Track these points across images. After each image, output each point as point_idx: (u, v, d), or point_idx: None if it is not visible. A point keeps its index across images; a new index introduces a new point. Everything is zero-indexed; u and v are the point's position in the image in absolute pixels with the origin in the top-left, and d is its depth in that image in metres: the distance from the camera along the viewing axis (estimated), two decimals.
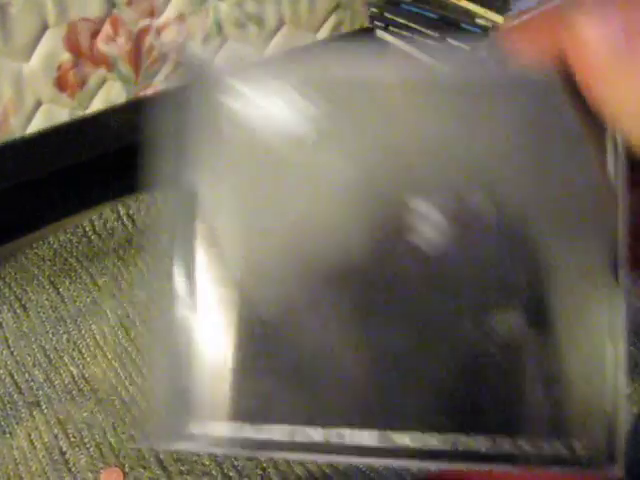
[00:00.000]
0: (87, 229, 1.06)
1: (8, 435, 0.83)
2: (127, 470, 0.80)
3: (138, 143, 0.99)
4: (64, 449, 0.82)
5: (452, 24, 0.82)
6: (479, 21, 0.79)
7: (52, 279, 1.02)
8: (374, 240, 0.26)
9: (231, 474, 0.78)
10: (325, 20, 0.97)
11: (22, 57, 0.82)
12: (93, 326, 0.95)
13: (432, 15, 0.84)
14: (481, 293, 0.26)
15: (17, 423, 0.84)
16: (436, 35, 0.84)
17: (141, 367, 0.89)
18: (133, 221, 1.08)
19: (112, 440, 0.82)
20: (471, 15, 0.79)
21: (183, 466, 0.79)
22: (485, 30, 0.79)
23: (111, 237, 1.06)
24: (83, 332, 0.94)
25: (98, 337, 0.93)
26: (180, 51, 0.87)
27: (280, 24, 0.94)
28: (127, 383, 0.88)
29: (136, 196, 1.09)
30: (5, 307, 0.98)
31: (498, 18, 0.76)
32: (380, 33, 0.91)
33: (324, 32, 0.98)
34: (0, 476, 0.80)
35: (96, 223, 1.07)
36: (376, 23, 0.90)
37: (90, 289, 1.00)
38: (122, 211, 1.07)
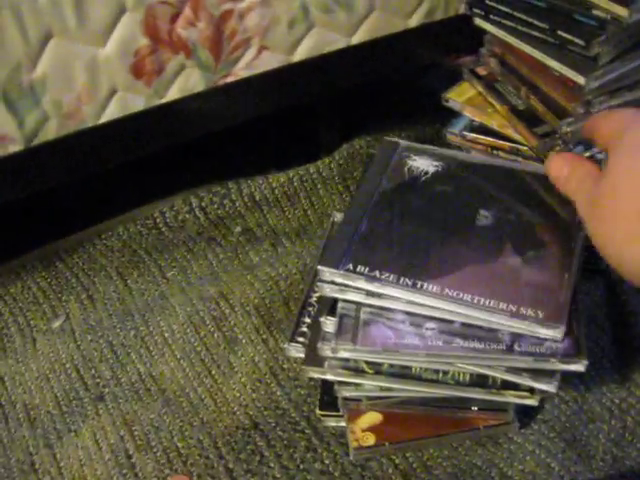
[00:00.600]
0: (157, 220, 1.03)
1: (73, 433, 0.81)
2: (195, 478, 0.76)
3: (213, 133, 0.96)
4: (130, 452, 0.79)
5: (564, 14, 0.74)
6: (596, 12, 0.71)
7: (120, 270, 0.99)
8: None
9: None
10: (418, 6, 0.91)
11: (97, 42, 0.77)
12: (161, 322, 0.91)
13: (541, 3, 0.76)
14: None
15: (83, 421, 0.82)
16: (544, 26, 0.76)
17: (210, 367, 0.86)
18: (205, 213, 1.04)
19: (180, 445, 0.79)
20: (588, 5, 0.71)
21: (253, 477, 0.76)
22: (602, 23, 0.72)
23: (182, 229, 1.03)
24: (151, 328, 0.91)
25: (166, 334, 0.90)
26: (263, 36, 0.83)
27: (370, 10, 0.88)
28: (195, 384, 0.85)
29: (208, 187, 1.06)
30: (72, 298, 0.96)
31: (620, 10, 0.69)
32: (479, 21, 0.84)
33: (416, 19, 0.91)
34: (65, 476, 0.77)
35: (167, 214, 1.03)
36: (475, 10, 0.82)
37: (159, 282, 0.97)
38: (194, 202, 1.03)
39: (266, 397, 0.82)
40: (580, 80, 0.74)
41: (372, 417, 0.76)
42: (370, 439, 0.75)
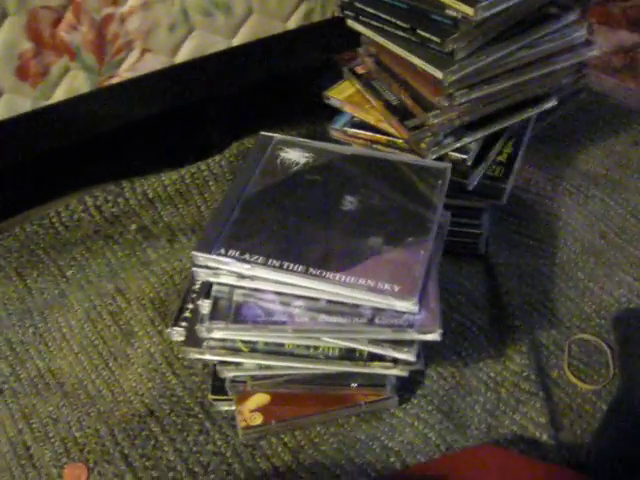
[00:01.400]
0: (54, 220, 1.05)
1: None
2: (91, 465, 0.79)
3: (105, 133, 0.98)
4: (29, 444, 0.81)
5: (422, 14, 0.80)
6: (449, 12, 0.77)
7: (19, 271, 1.00)
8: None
9: (196, 469, 0.78)
10: (295, 9, 0.95)
11: None
12: (60, 319, 0.94)
13: (402, 5, 0.82)
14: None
15: None
16: (406, 26, 0.82)
17: (107, 360, 0.88)
18: (101, 211, 1.06)
19: (77, 435, 0.82)
20: (441, 6, 0.77)
21: (148, 461, 0.79)
22: (455, 22, 0.78)
23: (78, 228, 1.05)
24: (49, 325, 0.93)
25: (65, 330, 0.92)
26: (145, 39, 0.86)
27: (248, 12, 0.92)
28: (93, 376, 0.87)
29: (103, 186, 1.08)
30: None
31: (468, 9, 0.75)
32: (351, 23, 0.89)
33: (294, 21, 0.96)
34: None
35: (63, 214, 1.05)
36: (346, 13, 0.88)
37: (58, 281, 0.99)
38: (89, 202, 1.06)
39: (162, 385, 0.85)
40: (438, 74, 0.80)
41: (260, 398, 0.79)
42: (258, 419, 0.78)
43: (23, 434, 0.82)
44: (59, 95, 0.86)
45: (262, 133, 0.85)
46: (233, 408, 0.80)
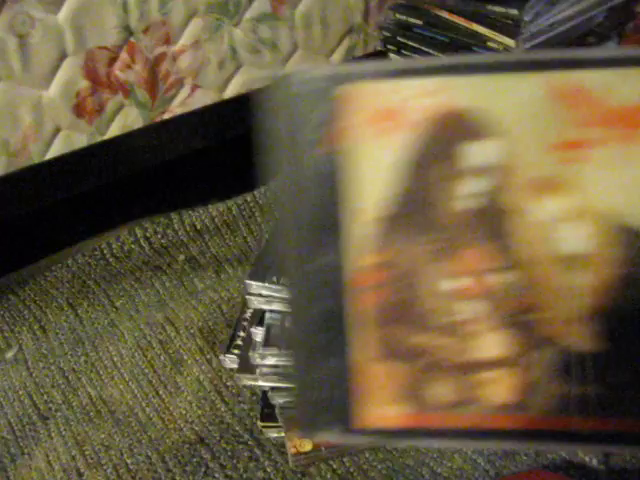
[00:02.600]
0: (105, 251, 1.08)
1: (27, 456, 0.85)
2: None
3: (154, 166, 1.01)
4: (82, 470, 0.83)
5: (464, 47, 0.83)
6: (490, 44, 0.79)
7: (70, 301, 1.03)
8: None
9: None
10: (338, 44, 0.98)
11: (41, 85, 0.83)
12: (110, 348, 0.96)
13: (444, 38, 0.85)
14: None
15: (35, 444, 0.85)
16: None
17: (157, 388, 0.90)
18: (150, 243, 1.09)
19: (129, 461, 0.83)
20: (483, 39, 0.80)
21: None
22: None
23: (128, 259, 1.08)
24: (100, 354, 0.95)
25: (115, 359, 0.94)
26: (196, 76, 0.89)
27: (294, 48, 0.95)
28: (144, 404, 0.89)
29: (152, 218, 1.11)
30: (25, 329, 1.00)
31: (509, 41, 0.77)
32: (393, 56, 0.92)
33: (338, 55, 0.99)
34: None
35: (113, 245, 1.08)
36: (388, 47, 0.90)
37: (108, 311, 1.01)
38: (139, 233, 1.09)
39: (211, 413, 0.86)
40: None
41: None
42: (307, 445, 0.79)
43: (76, 461, 0.84)
44: (113, 131, 0.89)
45: None
46: (282, 435, 0.81)
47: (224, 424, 0.85)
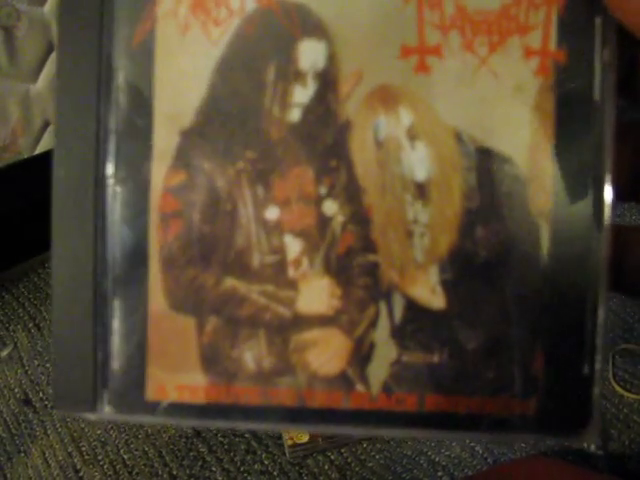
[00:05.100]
0: None
1: (23, 454, 0.84)
2: None
3: None
4: (78, 467, 0.83)
5: None
6: None
7: None
8: None
9: None
10: None
11: (29, 79, 0.83)
12: None
13: None
14: None
15: (32, 442, 0.85)
16: None
17: None
18: None
19: (126, 457, 0.83)
20: None
21: None
22: None
23: None
24: None
25: None
26: None
27: None
28: None
29: None
30: (19, 327, 0.99)
31: None
32: None
33: None
34: None
35: None
36: None
37: None
38: None
39: None
40: None
41: None
42: (304, 436, 0.79)
43: (73, 457, 0.84)
44: None
45: None
46: None
47: None
